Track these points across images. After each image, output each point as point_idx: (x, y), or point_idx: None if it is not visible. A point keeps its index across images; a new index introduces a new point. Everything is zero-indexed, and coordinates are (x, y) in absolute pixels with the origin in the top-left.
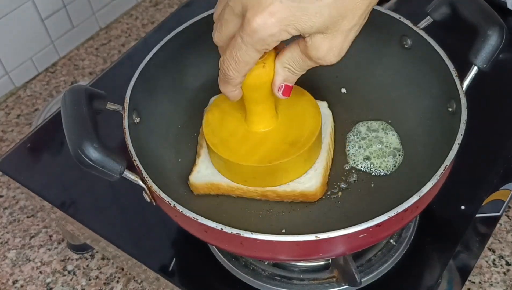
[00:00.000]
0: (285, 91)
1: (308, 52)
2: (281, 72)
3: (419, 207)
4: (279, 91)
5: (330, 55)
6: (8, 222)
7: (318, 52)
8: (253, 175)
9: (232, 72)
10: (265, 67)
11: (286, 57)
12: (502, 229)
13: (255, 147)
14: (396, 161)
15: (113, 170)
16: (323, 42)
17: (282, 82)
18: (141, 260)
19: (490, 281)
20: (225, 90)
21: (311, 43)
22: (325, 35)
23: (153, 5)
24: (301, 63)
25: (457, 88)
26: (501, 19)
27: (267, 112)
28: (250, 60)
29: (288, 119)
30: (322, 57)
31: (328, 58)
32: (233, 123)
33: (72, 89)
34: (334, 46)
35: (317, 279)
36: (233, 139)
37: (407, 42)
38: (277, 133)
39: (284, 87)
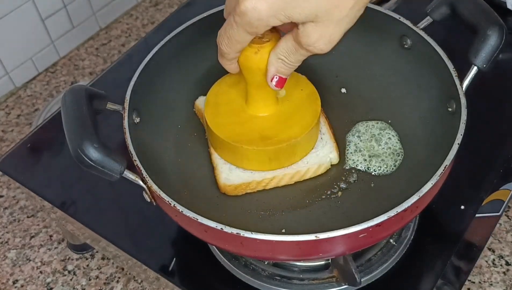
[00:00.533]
0: (278, 82)
1: (300, 39)
2: (274, 62)
3: (419, 207)
4: (271, 82)
5: (320, 43)
6: (8, 222)
7: (309, 39)
8: (251, 157)
9: (225, 47)
10: (257, 54)
11: (280, 48)
12: (502, 229)
13: (255, 130)
14: (396, 161)
15: (113, 170)
16: (313, 30)
17: (275, 72)
18: (141, 260)
19: (490, 281)
20: (222, 62)
21: (302, 31)
22: (316, 24)
23: (153, 5)
24: (294, 53)
25: (457, 88)
26: (501, 19)
27: (267, 96)
28: (241, 40)
29: (288, 105)
30: (312, 43)
31: (318, 45)
32: (234, 106)
33: (72, 89)
34: (325, 34)
35: (317, 279)
36: (233, 122)
37: (407, 42)
38: (277, 117)
39: (278, 79)
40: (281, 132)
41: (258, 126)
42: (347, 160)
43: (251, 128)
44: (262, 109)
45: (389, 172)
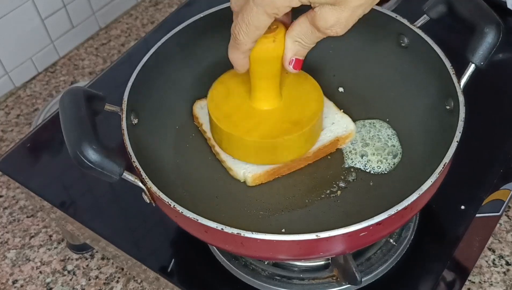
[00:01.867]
0: (296, 64)
1: (316, 23)
2: (291, 46)
3: (419, 205)
4: (290, 64)
5: (337, 27)
6: (8, 222)
7: (326, 23)
8: (255, 150)
9: (242, 35)
10: (275, 41)
11: (295, 31)
12: (502, 229)
13: (258, 123)
14: (395, 160)
15: (112, 171)
16: (331, 13)
17: (293, 55)
18: (141, 260)
19: (490, 281)
20: (233, 56)
21: (319, 14)
22: (333, 7)
23: (153, 5)
24: (310, 36)
25: (455, 85)
26: (499, 18)
27: (272, 90)
28: (261, 24)
29: (291, 100)
30: (329, 27)
31: (334, 29)
32: (237, 100)
33: (70, 91)
34: (342, 18)
35: (317, 278)
36: (236, 115)
37: (404, 41)
38: (280, 112)
39: (295, 61)
40: (283, 125)
41: (261, 119)
42: (346, 159)
43: (253, 121)
44: (265, 103)
45: (388, 171)
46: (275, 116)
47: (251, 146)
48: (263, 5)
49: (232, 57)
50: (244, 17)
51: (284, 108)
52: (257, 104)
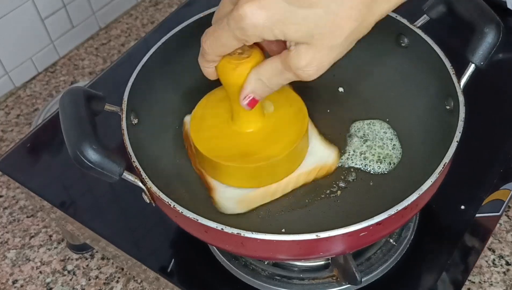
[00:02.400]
0: (250, 102)
1: (289, 61)
2: (252, 82)
3: (419, 205)
4: (244, 100)
5: (310, 68)
6: (8, 222)
7: (300, 61)
8: (237, 175)
9: (207, 46)
10: (235, 70)
11: (263, 68)
12: (502, 229)
13: (240, 148)
14: (395, 160)
15: (112, 171)
16: (306, 52)
17: (250, 92)
18: (141, 260)
19: (490, 281)
20: (200, 62)
21: (294, 52)
22: (309, 46)
23: (153, 5)
24: (277, 77)
25: (455, 85)
26: (499, 18)
27: (252, 114)
28: (227, 44)
29: (274, 120)
30: (301, 67)
31: (307, 70)
32: (220, 122)
33: (70, 91)
34: (316, 58)
35: (317, 278)
36: (218, 139)
37: (404, 41)
38: (262, 134)
39: (251, 99)
40: (262, 149)
41: (241, 142)
42: (346, 159)
43: (233, 144)
44: (246, 125)
45: (387, 171)
46: (257, 139)
47: (233, 171)
48: (234, 28)
49: (199, 62)
50: (216, 30)
51: (266, 129)
52: (238, 127)
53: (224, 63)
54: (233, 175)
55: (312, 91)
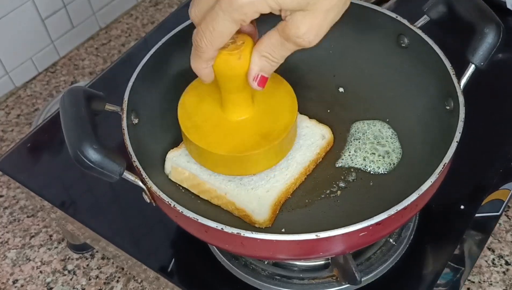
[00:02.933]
0: (261, 81)
1: (287, 31)
2: (257, 61)
3: (419, 205)
4: (254, 81)
5: (309, 34)
6: (8, 222)
7: (298, 30)
8: (223, 163)
9: (204, 42)
10: (241, 58)
11: (263, 45)
12: (502, 229)
13: (227, 135)
14: (395, 160)
15: (112, 171)
16: (303, 19)
17: (258, 71)
18: (141, 259)
19: (490, 281)
20: (196, 66)
21: (291, 21)
22: (305, 13)
23: (153, 5)
24: (279, 49)
25: (455, 86)
26: (499, 18)
27: (243, 102)
28: (226, 30)
29: (264, 109)
30: (301, 35)
31: (307, 37)
32: (208, 109)
33: (71, 91)
34: (314, 24)
35: (317, 278)
36: (206, 125)
37: (404, 41)
38: (251, 123)
39: (260, 78)
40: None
41: (232, 130)
42: (346, 159)
43: (224, 132)
44: (237, 113)
45: (387, 171)
46: (245, 128)
47: (219, 159)
48: (229, 10)
49: (195, 67)
50: (208, 23)
51: (256, 118)
52: (228, 115)
53: (225, 56)
54: (221, 163)
55: (312, 91)
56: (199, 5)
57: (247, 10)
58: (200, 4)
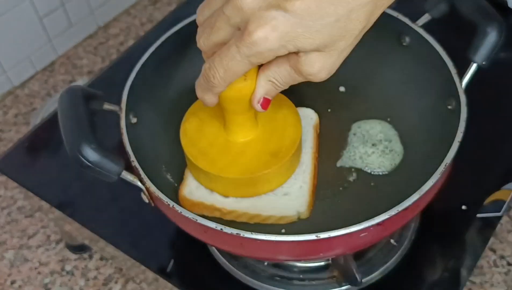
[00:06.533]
0: (264, 104)
1: (300, 68)
2: (264, 84)
3: (420, 206)
4: (258, 103)
5: (322, 73)
6: (6, 222)
7: (312, 69)
8: (234, 186)
9: (217, 80)
10: (247, 80)
11: (272, 71)
12: (503, 229)
13: (236, 158)
14: (396, 160)
15: (111, 171)
16: (318, 59)
17: (263, 95)
18: (139, 260)
19: (491, 282)
20: (203, 96)
21: (305, 59)
22: (321, 53)
23: (152, 4)
24: (287, 78)
25: (456, 85)
26: (501, 17)
27: (247, 122)
28: (240, 71)
29: (268, 128)
30: (314, 73)
31: (319, 75)
32: (211, 133)
33: (69, 90)
34: (328, 64)
35: (317, 279)
36: (212, 150)
37: (406, 40)
38: (257, 142)
39: (263, 100)
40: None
41: (234, 152)
42: (347, 159)
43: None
44: (244, 134)
45: (388, 171)
46: (252, 148)
47: (230, 182)
48: (249, 55)
49: (201, 96)
50: (224, 62)
51: (261, 138)
52: (233, 136)
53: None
54: (232, 186)
55: (313, 91)
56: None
57: (266, 55)
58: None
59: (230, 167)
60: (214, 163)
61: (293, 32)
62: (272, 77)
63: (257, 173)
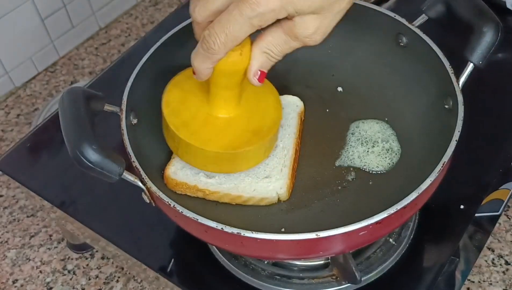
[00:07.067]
0: (261, 77)
1: (295, 31)
2: (259, 57)
3: (418, 204)
4: (254, 76)
5: (317, 35)
6: (8, 222)
7: (307, 31)
8: (214, 160)
9: (218, 45)
10: (242, 54)
11: (265, 42)
12: (502, 229)
13: (218, 133)
14: (394, 159)
15: (112, 171)
16: (313, 21)
17: (259, 67)
18: (140, 259)
19: (490, 281)
20: (202, 66)
21: (300, 22)
22: (316, 16)
23: (153, 5)
24: (282, 46)
25: (453, 85)
26: (498, 17)
27: (233, 99)
28: (242, 35)
29: (250, 107)
30: (309, 35)
31: (314, 37)
32: (194, 105)
33: (70, 91)
34: (323, 25)
35: (317, 277)
36: (195, 122)
37: (403, 40)
38: (239, 120)
39: (260, 73)
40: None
41: (218, 127)
42: (345, 158)
43: (208, 127)
44: (223, 110)
45: (387, 170)
46: (234, 125)
47: (211, 156)
48: (251, 16)
49: (199, 66)
50: (224, 26)
51: (243, 116)
52: (216, 111)
53: (229, 54)
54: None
55: (311, 91)
56: (207, 5)
57: (268, 17)
58: (208, 4)
59: (212, 141)
60: (197, 135)
61: None
62: (266, 48)
63: (239, 149)
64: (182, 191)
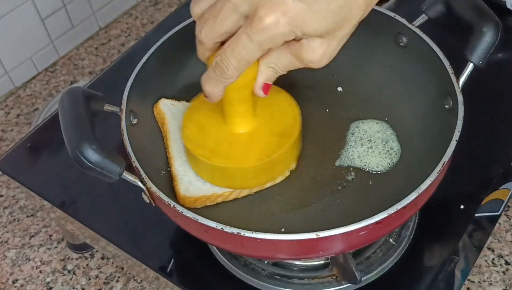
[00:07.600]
0: (265, 89)
1: (302, 54)
2: (264, 71)
3: (418, 204)
4: (260, 89)
5: (324, 59)
6: (8, 222)
7: (313, 55)
8: (254, 175)
9: (231, 70)
10: (250, 68)
11: (272, 57)
12: (502, 229)
13: (247, 147)
14: (394, 159)
15: (112, 171)
16: (320, 46)
17: (265, 80)
18: (140, 259)
19: (490, 281)
20: (213, 90)
21: (307, 46)
22: (323, 40)
23: (153, 5)
24: (287, 64)
25: (453, 85)
26: (498, 18)
27: (248, 112)
28: (253, 59)
29: (266, 114)
30: (315, 60)
31: (320, 62)
32: (214, 132)
33: (70, 91)
34: (329, 51)
35: (317, 277)
36: (222, 147)
37: (403, 40)
38: (261, 129)
39: (264, 86)
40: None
41: (245, 142)
42: (345, 158)
43: (239, 147)
44: (247, 124)
45: (387, 170)
46: (258, 135)
47: (250, 172)
48: (260, 41)
49: (211, 90)
50: (235, 51)
51: (263, 124)
52: (237, 128)
53: None
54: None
55: (311, 91)
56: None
57: (277, 40)
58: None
59: (246, 157)
60: (229, 157)
61: (301, 18)
62: (272, 63)
63: (273, 155)
64: (202, 204)
